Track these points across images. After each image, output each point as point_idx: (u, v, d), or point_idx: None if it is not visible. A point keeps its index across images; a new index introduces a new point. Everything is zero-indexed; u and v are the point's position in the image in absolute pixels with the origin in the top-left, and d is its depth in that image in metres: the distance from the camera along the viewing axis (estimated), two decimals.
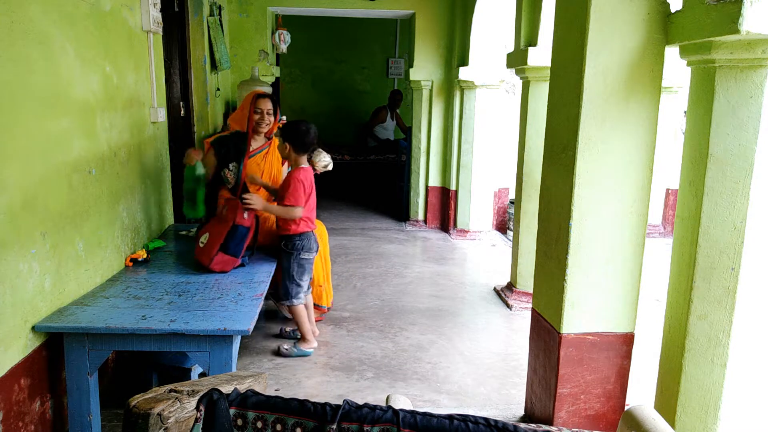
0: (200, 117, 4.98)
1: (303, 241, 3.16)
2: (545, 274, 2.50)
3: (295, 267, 3.18)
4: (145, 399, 1.37)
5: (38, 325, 2.15)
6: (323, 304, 3.73)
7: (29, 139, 2.12)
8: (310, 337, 3.36)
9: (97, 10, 2.63)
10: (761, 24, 1.63)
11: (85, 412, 2.23)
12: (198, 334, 2.17)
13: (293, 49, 6.77)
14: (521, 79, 4.19)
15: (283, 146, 3.12)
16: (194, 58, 4.87)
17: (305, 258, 3.19)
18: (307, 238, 3.18)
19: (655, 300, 4.04)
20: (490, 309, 4.18)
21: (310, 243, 3.19)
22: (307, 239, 3.18)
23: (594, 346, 2.34)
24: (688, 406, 2.04)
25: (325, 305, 3.76)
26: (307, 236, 3.17)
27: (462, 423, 1.18)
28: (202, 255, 2.81)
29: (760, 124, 1.82)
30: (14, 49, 2.01)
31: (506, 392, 3.03)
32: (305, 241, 3.17)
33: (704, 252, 1.94)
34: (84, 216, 2.52)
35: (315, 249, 3.23)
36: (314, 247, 3.22)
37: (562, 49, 2.37)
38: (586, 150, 2.18)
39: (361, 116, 9.28)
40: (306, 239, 3.17)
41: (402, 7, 6.08)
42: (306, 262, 3.21)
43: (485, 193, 5.93)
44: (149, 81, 3.26)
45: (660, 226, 6.41)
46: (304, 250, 3.17)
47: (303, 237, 3.16)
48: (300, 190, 3.05)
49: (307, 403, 1.24)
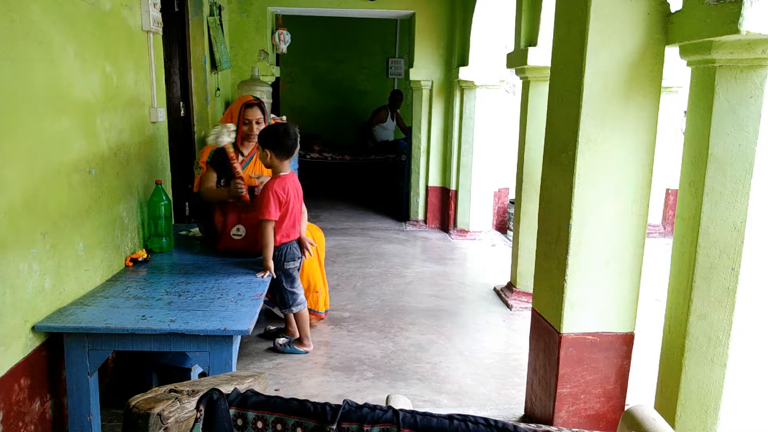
0: (200, 117, 4.98)
1: (282, 251, 3.09)
2: (545, 274, 2.50)
3: (282, 277, 3.16)
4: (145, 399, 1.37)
5: (38, 325, 2.15)
6: (319, 309, 3.70)
7: (29, 139, 2.12)
8: (308, 342, 3.38)
9: (97, 10, 2.63)
10: (761, 24, 1.63)
11: (85, 412, 2.23)
12: (198, 334, 2.17)
13: (293, 49, 6.77)
14: (521, 79, 4.19)
15: (264, 154, 2.98)
16: (194, 58, 4.88)
17: (290, 267, 3.16)
18: (287, 247, 3.11)
19: (655, 300, 4.04)
20: (490, 309, 4.18)
21: (291, 252, 3.13)
22: (287, 248, 3.11)
23: (594, 346, 2.34)
24: (688, 406, 2.04)
25: (322, 311, 3.73)
26: (286, 246, 3.10)
27: (462, 423, 1.18)
28: (250, 244, 3.05)
29: (760, 124, 1.82)
30: (14, 49, 2.01)
31: (506, 392, 3.02)
32: (285, 251, 3.10)
33: (704, 252, 1.94)
34: (84, 216, 2.52)
35: (297, 255, 3.19)
36: (296, 254, 3.17)
37: (562, 49, 2.37)
38: (586, 150, 2.18)
39: (361, 116, 9.28)
40: (285, 249, 3.10)
41: (402, 7, 6.08)
42: (292, 270, 3.18)
43: (485, 193, 5.93)
44: (149, 81, 3.26)
45: (660, 226, 6.41)
46: (286, 260, 3.12)
47: (282, 248, 3.08)
48: (272, 202, 2.93)
49: (307, 403, 1.24)
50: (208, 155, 3.32)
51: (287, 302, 3.24)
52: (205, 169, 3.29)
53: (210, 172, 3.28)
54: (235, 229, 3.09)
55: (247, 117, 3.27)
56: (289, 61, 8.90)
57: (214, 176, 3.27)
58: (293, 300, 3.24)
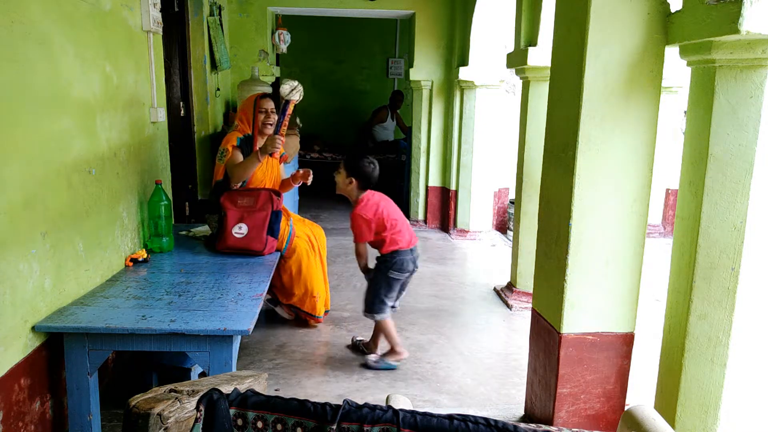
0: (200, 117, 4.99)
1: (392, 259, 3.11)
2: (545, 274, 2.50)
3: (382, 283, 3.15)
4: (145, 399, 1.37)
5: (38, 325, 2.15)
6: (317, 314, 3.66)
7: (29, 139, 2.12)
8: (400, 348, 3.27)
9: (97, 10, 2.63)
10: (761, 24, 1.63)
11: (85, 412, 2.23)
12: (198, 334, 2.16)
13: (293, 49, 6.77)
14: (521, 79, 4.19)
15: (347, 180, 3.12)
16: (194, 58, 4.88)
17: (393, 276, 3.14)
18: (398, 255, 3.11)
19: (655, 300, 4.04)
20: (490, 309, 4.18)
21: (401, 263, 3.12)
22: (398, 257, 3.11)
23: (594, 346, 2.34)
24: (688, 406, 2.04)
25: (320, 314, 3.69)
26: (397, 254, 3.11)
27: (462, 423, 1.18)
28: (253, 242, 3.08)
29: (760, 124, 1.82)
30: (14, 49, 2.01)
31: (506, 392, 3.03)
32: (395, 259, 3.11)
33: (704, 252, 1.94)
34: (84, 216, 2.52)
35: (408, 269, 3.16)
36: (407, 267, 3.14)
37: (562, 49, 2.37)
38: (586, 150, 2.18)
39: (361, 116, 9.28)
40: (396, 257, 3.11)
41: (402, 7, 6.09)
42: (393, 281, 3.16)
43: (485, 193, 5.93)
44: (149, 81, 3.26)
45: (660, 226, 6.41)
46: (394, 268, 3.12)
47: (392, 255, 3.11)
48: (362, 226, 3.09)
49: (307, 403, 1.24)
50: (236, 140, 3.35)
51: (373, 308, 3.19)
52: (231, 152, 3.30)
53: (236, 154, 3.30)
54: (237, 227, 3.10)
55: (263, 106, 3.36)
56: (289, 61, 8.90)
57: (240, 156, 3.30)
58: (380, 309, 3.17)
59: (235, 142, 3.33)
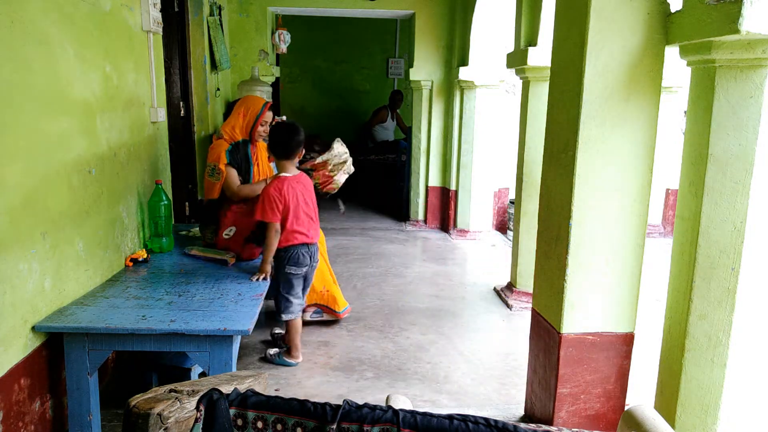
0: (200, 117, 4.98)
1: (288, 254, 3.00)
2: (545, 274, 2.50)
3: (280, 281, 3.06)
4: (145, 399, 1.38)
5: (38, 325, 2.15)
6: (337, 309, 3.65)
7: (29, 139, 2.12)
8: (297, 353, 3.24)
9: (97, 10, 2.63)
10: (761, 24, 1.63)
11: (85, 412, 2.23)
12: (198, 334, 2.17)
13: (293, 49, 6.77)
14: (521, 79, 4.19)
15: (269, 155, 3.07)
16: (194, 58, 4.88)
17: (290, 272, 3.04)
18: (294, 250, 2.99)
19: (655, 300, 4.04)
20: (490, 309, 4.18)
21: (296, 257, 3.01)
22: (294, 252, 2.99)
23: (594, 346, 2.34)
24: (688, 406, 2.04)
25: (340, 309, 3.68)
26: (292, 249, 2.99)
27: (462, 423, 1.18)
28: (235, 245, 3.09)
29: (760, 124, 1.82)
30: (14, 49, 2.01)
31: (506, 392, 3.02)
32: (290, 254, 3.00)
33: (704, 252, 1.94)
34: (84, 216, 2.52)
35: (305, 264, 3.07)
36: (303, 261, 3.04)
37: (562, 49, 2.37)
38: (586, 150, 2.18)
39: (361, 116, 9.28)
40: (291, 252, 3.00)
41: (402, 7, 6.08)
42: (292, 276, 3.05)
43: (485, 193, 5.93)
44: (149, 81, 3.26)
45: (660, 226, 6.41)
46: (289, 263, 3.02)
47: (288, 250, 2.99)
48: (268, 204, 2.87)
49: (307, 403, 1.24)
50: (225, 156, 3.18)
51: (279, 308, 3.14)
52: (225, 172, 3.15)
53: (231, 173, 3.18)
54: (228, 230, 3.12)
55: (266, 119, 3.27)
56: (289, 61, 8.89)
57: (236, 175, 3.21)
58: (285, 307, 3.11)
59: (225, 159, 3.17)
